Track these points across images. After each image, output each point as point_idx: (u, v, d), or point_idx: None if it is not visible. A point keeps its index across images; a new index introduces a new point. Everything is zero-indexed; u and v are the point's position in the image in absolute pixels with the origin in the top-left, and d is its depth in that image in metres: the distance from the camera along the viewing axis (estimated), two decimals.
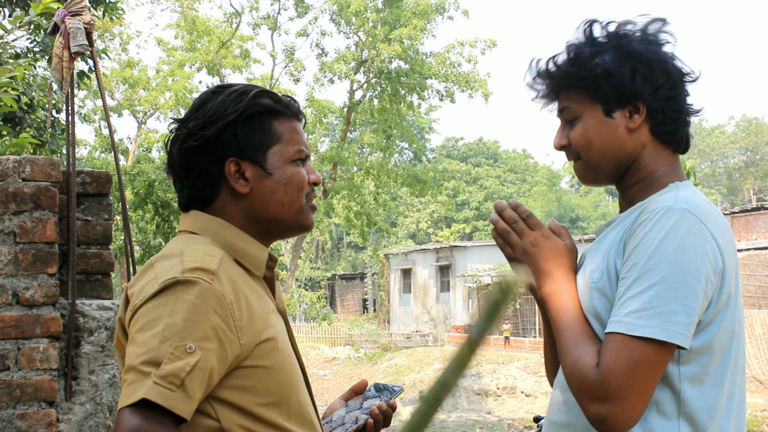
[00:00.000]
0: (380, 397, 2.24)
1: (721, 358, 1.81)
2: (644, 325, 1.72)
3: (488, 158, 71.86)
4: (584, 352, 1.79)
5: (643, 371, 1.72)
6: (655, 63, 1.91)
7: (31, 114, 7.24)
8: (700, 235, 1.76)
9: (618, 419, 1.73)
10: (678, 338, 1.72)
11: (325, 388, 24.76)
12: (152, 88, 32.34)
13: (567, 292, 1.91)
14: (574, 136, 1.99)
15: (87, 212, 3.86)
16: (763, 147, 65.24)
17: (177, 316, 1.71)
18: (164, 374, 1.66)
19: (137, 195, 19.34)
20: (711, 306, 1.78)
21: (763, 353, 19.02)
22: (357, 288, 50.85)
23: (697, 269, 1.74)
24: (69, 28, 3.89)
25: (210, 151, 1.94)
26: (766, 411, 14.77)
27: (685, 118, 1.97)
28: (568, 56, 1.98)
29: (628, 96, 1.92)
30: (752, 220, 30.55)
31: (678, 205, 1.79)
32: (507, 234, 1.99)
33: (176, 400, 1.66)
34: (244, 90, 1.97)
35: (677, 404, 1.78)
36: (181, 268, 1.78)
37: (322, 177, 29.81)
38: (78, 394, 3.64)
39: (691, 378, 1.78)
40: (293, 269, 31.02)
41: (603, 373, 1.73)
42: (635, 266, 1.77)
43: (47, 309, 3.55)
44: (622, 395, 1.72)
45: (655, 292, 1.73)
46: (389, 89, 30.01)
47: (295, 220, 1.99)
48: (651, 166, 1.96)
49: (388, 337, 35.21)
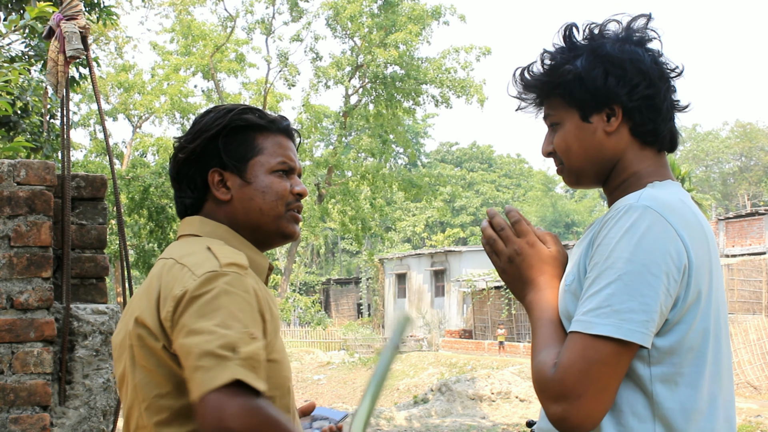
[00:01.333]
0: (328, 420, 2.35)
1: (695, 359, 1.77)
2: (600, 323, 1.70)
3: (482, 163, 71.94)
4: (547, 353, 1.78)
5: (598, 370, 1.69)
6: (628, 63, 1.89)
7: (25, 118, 7.24)
8: (662, 232, 1.73)
9: (574, 419, 1.71)
10: (634, 336, 1.68)
11: (320, 393, 24.75)
12: (147, 92, 32.34)
13: (546, 300, 1.89)
14: (556, 143, 1.99)
15: (82, 216, 3.86)
16: (757, 152, 65.34)
17: (234, 306, 1.80)
18: (245, 356, 1.74)
19: (132, 200, 19.31)
20: (678, 304, 1.74)
21: (757, 359, 19.05)
22: (352, 292, 50.85)
23: (657, 267, 1.70)
24: (64, 32, 3.89)
25: (196, 162, 2.10)
26: (760, 416, 14.78)
27: (666, 115, 1.94)
28: (541, 64, 1.98)
29: (603, 99, 1.90)
30: (746, 226, 30.62)
31: (640, 203, 1.77)
32: (494, 242, 1.97)
33: (258, 380, 1.74)
34: (231, 108, 2.14)
35: (651, 407, 1.74)
36: (218, 262, 1.87)
37: (317, 181, 29.87)
38: (72, 398, 3.63)
39: (663, 379, 1.75)
40: (288, 274, 30.97)
41: (559, 372, 1.71)
42: (596, 265, 1.76)
43: (41, 313, 3.55)
44: (577, 394, 1.69)
45: (612, 290, 1.71)
46: (385, 94, 30.03)
47: (274, 227, 2.11)
48: (633, 167, 1.94)
49: (383, 341, 35.21)
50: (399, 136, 31.75)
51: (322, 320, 35.63)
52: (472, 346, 30.25)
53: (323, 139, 36.13)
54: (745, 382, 18.57)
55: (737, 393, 18.01)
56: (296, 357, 32.74)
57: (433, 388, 20.12)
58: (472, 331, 33.62)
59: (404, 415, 17.66)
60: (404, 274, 41.27)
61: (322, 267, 60.97)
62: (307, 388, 26.00)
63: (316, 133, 31.93)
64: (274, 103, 31.87)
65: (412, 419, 17.60)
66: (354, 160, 31.62)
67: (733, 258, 28.52)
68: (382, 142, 30.37)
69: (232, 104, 2.16)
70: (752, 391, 18.22)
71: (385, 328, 41.13)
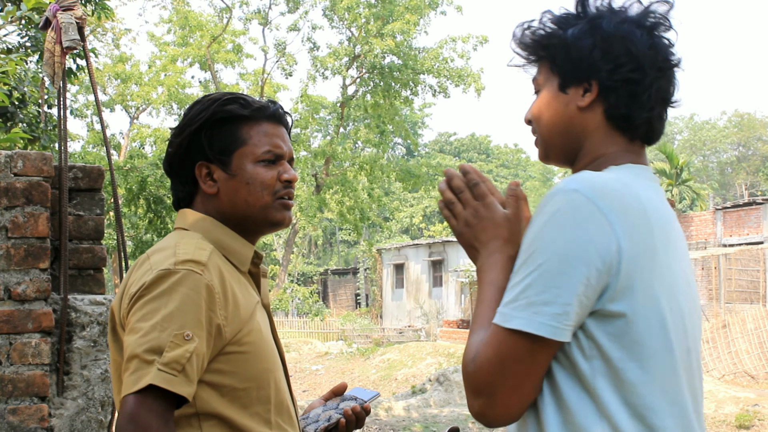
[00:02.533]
0: (356, 399, 2.37)
1: (639, 352, 1.66)
2: (514, 317, 1.62)
3: (480, 153, 71.93)
4: (473, 340, 1.71)
5: (512, 367, 1.63)
6: (618, 41, 1.79)
7: (22, 109, 7.23)
8: (587, 218, 1.62)
9: (490, 415, 1.67)
10: (545, 330, 1.60)
11: (318, 383, 24.78)
12: (144, 83, 32.26)
13: (494, 267, 1.78)
14: (532, 109, 1.93)
15: (79, 207, 3.86)
16: (755, 142, 65.36)
17: (173, 306, 1.85)
18: (167, 361, 1.81)
19: (130, 191, 19.28)
20: (606, 293, 1.63)
21: (754, 348, 19.08)
22: (349, 283, 50.85)
23: (576, 257, 1.61)
24: (61, 22, 3.88)
25: (184, 156, 2.13)
26: (757, 406, 14.81)
27: (646, 104, 1.81)
28: (539, 22, 1.90)
29: (584, 72, 1.81)
30: (744, 215, 30.62)
31: (569, 186, 1.66)
32: (452, 205, 1.87)
33: (180, 384, 1.81)
34: (215, 98, 2.15)
35: (594, 403, 1.65)
36: (174, 260, 1.92)
37: (315, 172, 29.85)
38: (70, 389, 3.64)
39: (604, 374, 1.65)
40: (286, 264, 30.98)
41: (475, 367, 1.66)
42: (521, 253, 1.68)
43: (39, 304, 3.56)
44: (492, 390, 1.65)
45: (530, 281, 1.62)
46: (382, 84, 29.98)
47: (262, 217, 2.13)
48: (599, 151, 1.84)
49: (381, 332, 35.26)
50: (397, 126, 31.72)
51: (320, 311, 35.66)
52: None
53: (321, 129, 36.08)
54: (742, 371, 18.60)
55: (735, 382, 18.04)
56: (294, 347, 32.77)
57: (431, 378, 20.14)
58: (470, 321, 33.62)
59: (402, 405, 17.69)
60: (402, 264, 41.27)
61: (320, 257, 60.98)
62: (305, 378, 26.02)
63: (314, 124, 31.89)
64: (272, 94, 31.83)
65: (411, 409, 17.62)
66: (351, 150, 31.60)
67: (731, 247, 28.55)
68: (380, 132, 30.34)
69: (218, 93, 2.17)
70: (749, 380, 18.25)
71: (383, 318, 41.17)
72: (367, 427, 14.32)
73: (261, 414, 1.99)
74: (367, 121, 31.17)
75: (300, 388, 24.12)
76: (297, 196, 28.91)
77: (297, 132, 30.13)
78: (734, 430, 14.18)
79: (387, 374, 24.48)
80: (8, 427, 3.48)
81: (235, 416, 1.95)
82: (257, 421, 1.98)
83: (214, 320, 1.89)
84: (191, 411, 1.91)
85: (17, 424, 3.49)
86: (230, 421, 1.94)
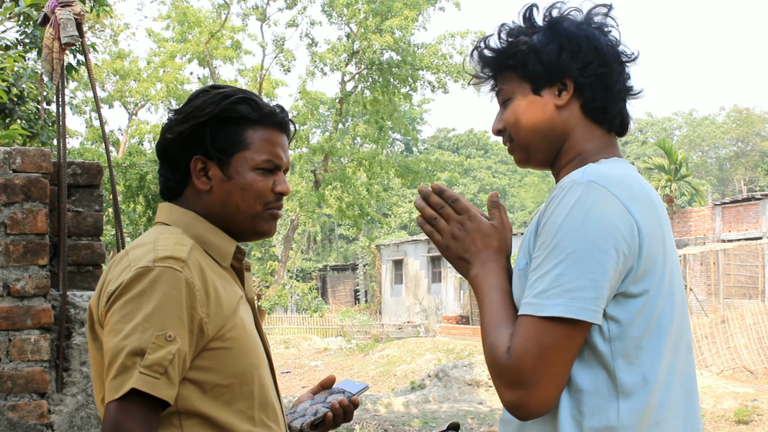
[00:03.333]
0: (344, 392, 2.34)
1: (655, 329, 1.74)
2: (550, 305, 1.67)
3: (479, 149, 71.93)
4: (499, 336, 1.74)
5: (553, 354, 1.67)
6: (584, 40, 1.89)
7: (21, 106, 7.23)
8: (609, 206, 1.70)
9: (531, 405, 1.69)
10: (586, 314, 1.66)
11: (317, 379, 24.78)
12: (143, 79, 32.22)
13: (492, 274, 1.85)
14: (506, 117, 1.97)
15: (78, 204, 3.86)
16: (753, 137, 65.32)
17: (153, 305, 1.82)
18: (149, 363, 1.78)
19: (129, 187, 19.27)
20: (630, 275, 1.71)
21: (753, 343, 19.10)
22: (348, 279, 50.89)
23: (605, 242, 1.67)
24: (59, 19, 3.88)
25: (182, 146, 2.08)
26: (756, 401, 14.83)
27: (618, 96, 1.92)
28: (498, 37, 1.96)
29: (556, 73, 1.89)
30: (743, 211, 30.63)
31: (584, 178, 1.74)
32: (434, 220, 1.93)
33: (162, 387, 1.79)
34: (227, 94, 2.09)
35: (613, 384, 1.71)
36: (153, 256, 1.88)
37: (314, 168, 29.82)
38: (69, 385, 3.64)
39: (624, 354, 1.71)
40: (285, 260, 30.95)
41: (513, 358, 1.69)
42: (543, 245, 1.73)
43: (38, 300, 3.56)
44: (534, 380, 1.67)
45: (561, 270, 1.67)
46: (381, 81, 29.94)
47: (249, 225, 2.10)
48: (581, 146, 1.92)
49: (380, 327, 35.26)
50: (396, 122, 31.71)
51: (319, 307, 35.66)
52: (469, 332, 30.27)
53: (319, 125, 36.03)
54: (741, 366, 18.62)
55: (734, 377, 18.06)
56: (293, 343, 32.78)
57: (431, 374, 20.16)
58: (469, 317, 33.67)
59: (402, 401, 17.71)
60: (401, 260, 41.30)
61: (319, 253, 61.01)
62: (304, 374, 26.05)
63: (313, 120, 31.85)
64: (270, 90, 31.80)
65: (410, 405, 17.64)
66: (350, 146, 31.56)
67: (730, 243, 28.55)
68: (379, 128, 30.30)
69: (230, 89, 2.12)
70: (748, 375, 18.26)
71: (382, 314, 41.19)
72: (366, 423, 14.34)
73: (244, 411, 1.97)
74: (366, 117, 31.13)
75: (299, 384, 24.14)
76: (296, 191, 28.89)
77: (296, 128, 30.08)
78: (733, 425, 14.20)
79: (386, 370, 24.49)
80: (8, 423, 3.48)
81: (218, 414, 1.92)
82: (241, 418, 1.96)
83: (195, 318, 1.87)
84: (172, 410, 1.88)
85: (17, 420, 3.49)
86: (212, 420, 1.92)
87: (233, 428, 1.94)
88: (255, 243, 37.81)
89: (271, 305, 27.08)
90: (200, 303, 1.88)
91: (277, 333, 36.25)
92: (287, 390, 22.29)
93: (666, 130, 70.52)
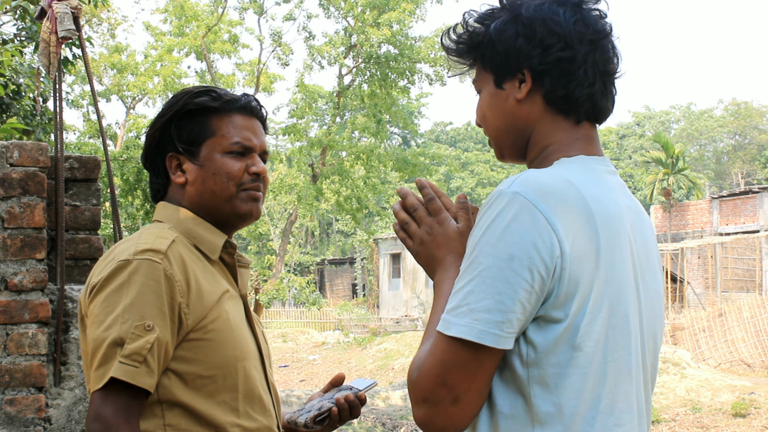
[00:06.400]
0: (351, 389, 2.35)
1: (578, 358, 1.60)
2: (456, 324, 1.57)
3: (477, 143, 71.88)
4: (422, 349, 1.66)
5: (455, 375, 1.58)
6: (539, 23, 1.72)
7: (18, 101, 7.22)
8: (529, 222, 1.56)
9: (438, 424, 1.61)
10: (488, 338, 1.55)
11: (315, 373, 24.82)
12: (141, 73, 32.17)
13: (449, 280, 1.71)
14: (476, 112, 1.88)
15: (75, 197, 3.86)
16: (751, 131, 65.31)
17: (133, 296, 1.88)
18: (128, 353, 1.84)
19: (126, 181, 19.27)
20: (550, 299, 1.58)
21: (750, 336, 19.12)
22: (346, 273, 50.91)
23: (519, 261, 1.55)
24: (56, 12, 3.87)
25: (156, 148, 2.16)
26: (754, 394, 14.85)
27: (584, 81, 1.73)
28: (461, 26, 1.84)
29: (514, 63, 1.75)
30: (740, 204, 30.67)
31: (510, 189, 1.60)
32: (407, 225, 1.83)
33: (141, 375, 1.85)
34: (188, 91, 2.17)
35: (529, 410, 1.60)
36: (134, 249, 1.94)
37: (311, 162, 29.79)
38: (67, 379, 3.64)
39: (541, 381, 1.60)
40: (282, 254, 30.92)
41: (418, 375, 1.61)
42: (465, 258, 1.63)
43: (36, 294, 3.56)
44: (437, 399, 1.59)
45: (472, 287, 1.57)
46: (379, 74, 29.90)
47: (229, 209, 2.13)
48: (545, 141, 1.77)
49: (378, 321, 35.29)
50: (394, 115, 31.67)
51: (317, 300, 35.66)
52: None
53: (317, 119, 35.97)
54: (738, 359, 18.65)
55: (731, 370, 18.08)
56: (291, 337, 32.78)
57: None
58: None
59: (400, 395, 17.72)
60: (399, 254, 41.29)
61: (317, 247, 60.97)
62: (302, 368, 26.06)
63: (311, 113, 31.81)
64: (268, 84, 31.75)
65: (408, 398, 17.66)
66: (348, 140, 31.53)
67: (727, 236, 28.58)
68: (377, 122, 30.27)
69: (191, 87, 2.19)
70: (746, 368, 18.29)
71: (379, 308, 41.21)
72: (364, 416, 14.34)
73: (228, 402, 2.00)
74: (364, 110, 31.10)
75: (297, 377, 24.16)
76: (295, 185, 28.87)
77: (294, 122, 30.09)
78: (730, 418, 14.22)
79: (384, 364, 24.50)
80: (6, 417, 3.48)
81: (199, 405, 1.96)
82: (224, 410, 1.99)
83: (175, 308, 1.91)
84: (155, 399, 1.93)
85: (14, 414, 3.50)
86: (194, 410, 1.95)
87: (215, 419, 1.97)
88: (252, 237, 37.81)
89: (269, 299, 27.08)
90: (180, 293, 1.93)
91: (275, 327, 36.27)
92: (285, 384, 22.31)
93: (664, 124, 70.49)
